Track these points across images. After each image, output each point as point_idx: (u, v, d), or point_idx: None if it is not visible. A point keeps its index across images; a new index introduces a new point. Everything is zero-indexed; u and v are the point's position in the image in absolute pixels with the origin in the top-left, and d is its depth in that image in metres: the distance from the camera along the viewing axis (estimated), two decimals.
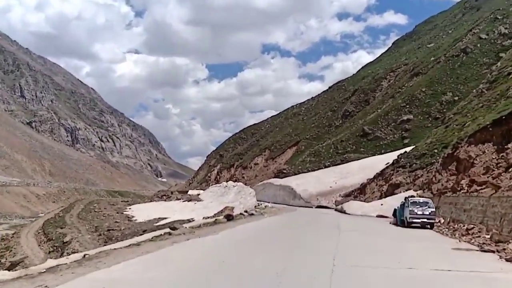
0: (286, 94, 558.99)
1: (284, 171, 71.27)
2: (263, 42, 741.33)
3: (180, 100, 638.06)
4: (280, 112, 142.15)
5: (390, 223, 23.50)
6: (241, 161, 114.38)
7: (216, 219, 20.09)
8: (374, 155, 66.30)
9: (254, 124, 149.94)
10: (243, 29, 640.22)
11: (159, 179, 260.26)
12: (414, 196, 22.87)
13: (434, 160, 25.91)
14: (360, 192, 39.09)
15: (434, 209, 21.07)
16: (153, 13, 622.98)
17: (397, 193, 27.45)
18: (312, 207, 41.86)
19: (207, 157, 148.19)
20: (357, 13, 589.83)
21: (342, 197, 41.73)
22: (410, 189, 26.69)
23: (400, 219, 22.41)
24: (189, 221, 43.38)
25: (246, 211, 23.58)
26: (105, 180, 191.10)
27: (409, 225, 21.46)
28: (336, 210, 31.79)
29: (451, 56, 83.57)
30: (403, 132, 74.49)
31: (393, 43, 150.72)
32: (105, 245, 42.41)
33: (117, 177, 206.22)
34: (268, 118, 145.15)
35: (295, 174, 64.08)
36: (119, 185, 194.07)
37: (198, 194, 58.09)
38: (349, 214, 27.41)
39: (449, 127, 32.38)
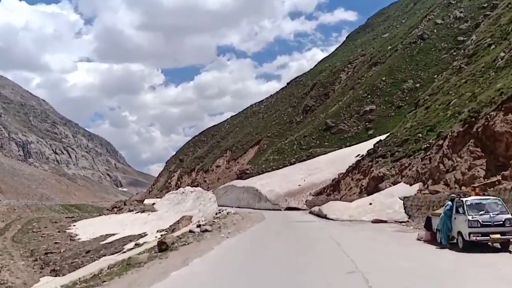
0: (244, 95, 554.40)
1: (247, 172, 65.77)
2: (218, 44, 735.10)
3: (137, 107, 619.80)
4: (239, 112, 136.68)
5: (419, 239, 14.92)
6: (202, 164, 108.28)
7: (130, 258, 12.69)
8: (340, 148, 62.08)
9: (214, 125, 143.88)
10: (197, 32, 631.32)
11: (120, 189, 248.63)
12: (465, 195, 13.78)
13: (427, 145, 21.13)
14: (333, 189, 34.10)
15: (510, 215, 12.87)
16: (103, 19, 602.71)
17: (382, 188, 22.50)
18: (280, 210, 36.47)
19: (166, 162, 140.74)
20: (309, 12, 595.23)
21: (313, 195, 36.75)
22: (399, 182, 21.76)
23: (445, 235, 13.74)
24: (140, 236, 37.13)
25: (199, 226, 17.84)
26: (60, 194, 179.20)
27: (466, 246, 12.88)
28: (311, 213, 26.14)
29: (409, 44, 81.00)
30: (367, 123, 71.00)
31: (347, 37, 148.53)
32: (41, 272, 35.19)
33: (74, 190, 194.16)
34: (227, 119, 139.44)
35: (259, 174, 58.74)
36: (76, 198, 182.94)
37: (153, 204, 51.85)
38: (332, 219, 21.23)
39: (430, 108, 28.06)
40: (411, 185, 19.55)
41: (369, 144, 47.51)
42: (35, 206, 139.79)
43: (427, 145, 20.99)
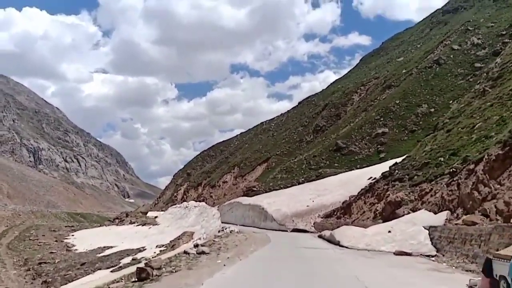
0: (255, 113, 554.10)
1: (254, 189, 63.62)
2: (231, 62, 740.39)
3: (149, 119, 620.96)
4: (249, 129, 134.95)
5: (472, 286, 10.89)
6: (209, 179, 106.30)
7: None
8: (351, 169, 59.85)
9: (223, 141, 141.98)
10: (212, 48, 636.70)
11: (127, 200, 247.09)
12: None
13: (453, 169, 18.98)
14: (344, 212, 31.81)
15: None
16: (120, 33, 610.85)
17: (400, 214, 20.16)
18: (287, 231, 34.21)
19: (174, 176, 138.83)
20: (323, 34, 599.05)
21: (322, 218, 34.52)
22: (419, 208, 19.41)
23: None
24: (139, 250, 35.21)
25: (196, 245, 15.77)
26: (67, 202, 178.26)
27: None
28: (321, 237, 23.67)
29: (424, 68, 79.25)
30: (378, 146, 68.75)
31: (360, 60, 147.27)
32: (32, 283, 33.22)
33: (81, 199, 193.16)
34: (237, 135, 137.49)
35: (266, 191, 56.59)
36: (83, 207, 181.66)
37: (156, 217, 49.99)
38: (346, 247, 18.15)
39: (452, 132, 26.10)
40: (435, 213, 17.22)
41: (382, 167, 45.40)
42: (40, 213, 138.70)
43: (452, 169, 18.84)
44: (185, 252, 14.64)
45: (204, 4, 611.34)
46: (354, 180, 42.96)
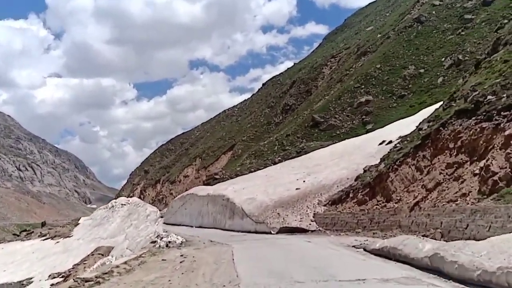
0: (218, 108, 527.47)
1: (217, 176, 48.16)
2: (190, 58, 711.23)
3: (108, 122, 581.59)
4: (211, 118, 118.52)
5: None
6: (168, 175, 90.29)
7: None
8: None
9: (183, 133, 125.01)
10: (168, 46, 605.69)
11: (89, 205, 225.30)
12: None
13: None
14: (371, 193, 16.54)
15: None
16: (72, 34, 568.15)
17: None
18: (271, 232, 19.07)
19: (130, 174, 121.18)
20: (281, 25, 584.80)
21: (325, 205, 19.85)
22: None
23: None
24: (21, 284, 19.94)
25: None
26: (19, 213, 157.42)
27: None
28: (381, 255, 9.18)
29: (404, 28, 66.52)
30: (363, 116, 55.43)
31: (324, 38, 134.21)
32: None
33: (36, 208, 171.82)
34: (198, 126, 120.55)
35: (232, 178, 41.29)
36: (37, 217, 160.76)
37: (77, 225, 34.08)
38: None
39: None
40: None
41: (389, 130, 31.44)
42: None
43: None
44: None
45: (157, 1, 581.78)
46: (358, 149, 28.71)
